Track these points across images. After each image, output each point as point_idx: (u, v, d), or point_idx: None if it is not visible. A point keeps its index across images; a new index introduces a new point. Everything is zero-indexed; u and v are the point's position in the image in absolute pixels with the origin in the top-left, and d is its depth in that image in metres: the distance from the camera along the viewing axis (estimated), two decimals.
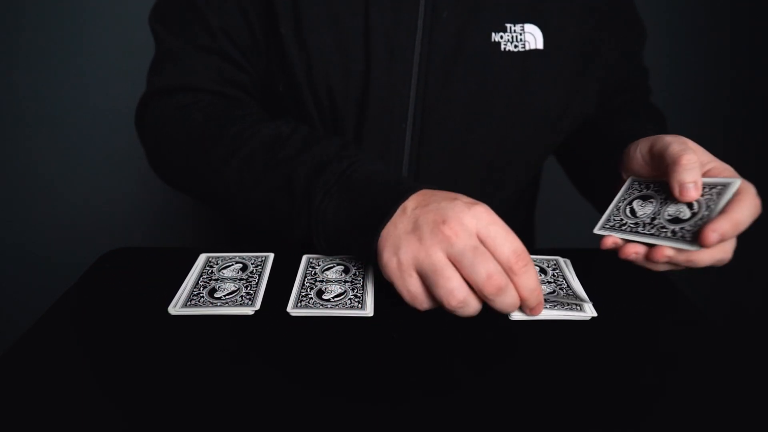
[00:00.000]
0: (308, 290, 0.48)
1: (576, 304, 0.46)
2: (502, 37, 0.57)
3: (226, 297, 0.47)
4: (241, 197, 0.52)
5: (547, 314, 0.45)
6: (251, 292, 0.47)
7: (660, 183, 0.47)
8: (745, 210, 0.41)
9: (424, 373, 0.39)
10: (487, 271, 0.39)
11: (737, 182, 0.42)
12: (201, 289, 0.48)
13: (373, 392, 0.37)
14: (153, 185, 0.69)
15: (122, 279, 0.51)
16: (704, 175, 0.45)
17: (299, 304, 0.46)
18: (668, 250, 0.42)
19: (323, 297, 0.47)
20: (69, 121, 1.28)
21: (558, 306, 0.46)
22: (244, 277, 0.50)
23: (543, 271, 0.51)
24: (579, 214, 0.74)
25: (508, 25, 0.57)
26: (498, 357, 0.41)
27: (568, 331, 0.44)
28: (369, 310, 0.45)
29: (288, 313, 0.45)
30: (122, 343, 0.42)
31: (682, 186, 0.43)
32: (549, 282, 0.49)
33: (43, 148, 1.29)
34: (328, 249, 0.49)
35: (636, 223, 0.45)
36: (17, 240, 1.37)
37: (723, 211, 0.41)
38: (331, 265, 0.51)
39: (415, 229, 0.42)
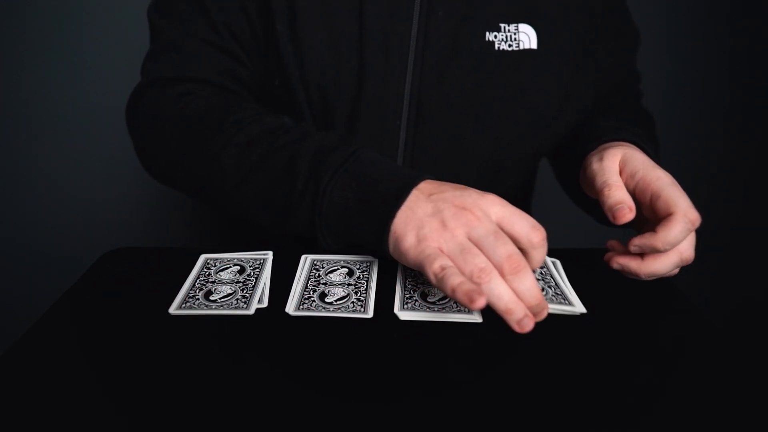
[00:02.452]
0: (311, 292, 0.48)
1: (564, 301, 0.46)
2: (496, 37, 0.57)
3: (222, 300, 0.47)
4: (238, 183, 0.50)
5: None
6: (247, 295, 0.47)
7: None
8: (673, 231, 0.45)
9: (423, 373, 0.39)
10: (507, 252, 0.41)
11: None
12: (197, 291, 0.48)
13: (373, 392, 0.37)
14: (153, 185, 0.69)
15: (122, 279, 0.51)
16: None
17: (301, 307, 0.46)
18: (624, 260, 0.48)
19: (326, 300, 0.47)
20: (69, 120, 1.27)
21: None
22: (241, 279, 0.49)
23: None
24: (573, 214, 0.74)
25: (502, 25, 0.58)
26: (498, 357, 0.41)
27: (568, 332, 0.44)
28: (370, 314, 0.45)
29: (288, 314, 0.45)
30: (122, 343, 0.42)
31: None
32: (537, 279, 0.49)
33: (43, 147, 1.29)
34: (330, 236, 0.49)
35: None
36: (17, 240, 1.37)
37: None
38: (335, 268, 0.51)
39: (436, 213, 0.43)
